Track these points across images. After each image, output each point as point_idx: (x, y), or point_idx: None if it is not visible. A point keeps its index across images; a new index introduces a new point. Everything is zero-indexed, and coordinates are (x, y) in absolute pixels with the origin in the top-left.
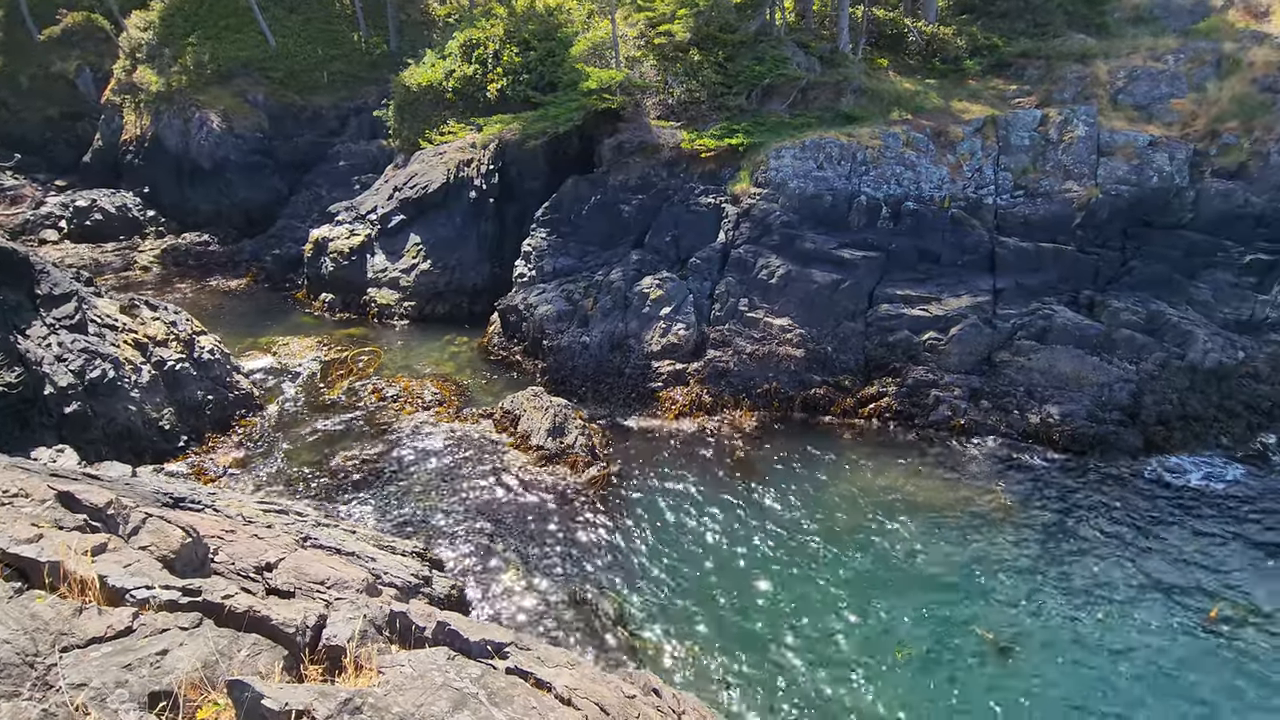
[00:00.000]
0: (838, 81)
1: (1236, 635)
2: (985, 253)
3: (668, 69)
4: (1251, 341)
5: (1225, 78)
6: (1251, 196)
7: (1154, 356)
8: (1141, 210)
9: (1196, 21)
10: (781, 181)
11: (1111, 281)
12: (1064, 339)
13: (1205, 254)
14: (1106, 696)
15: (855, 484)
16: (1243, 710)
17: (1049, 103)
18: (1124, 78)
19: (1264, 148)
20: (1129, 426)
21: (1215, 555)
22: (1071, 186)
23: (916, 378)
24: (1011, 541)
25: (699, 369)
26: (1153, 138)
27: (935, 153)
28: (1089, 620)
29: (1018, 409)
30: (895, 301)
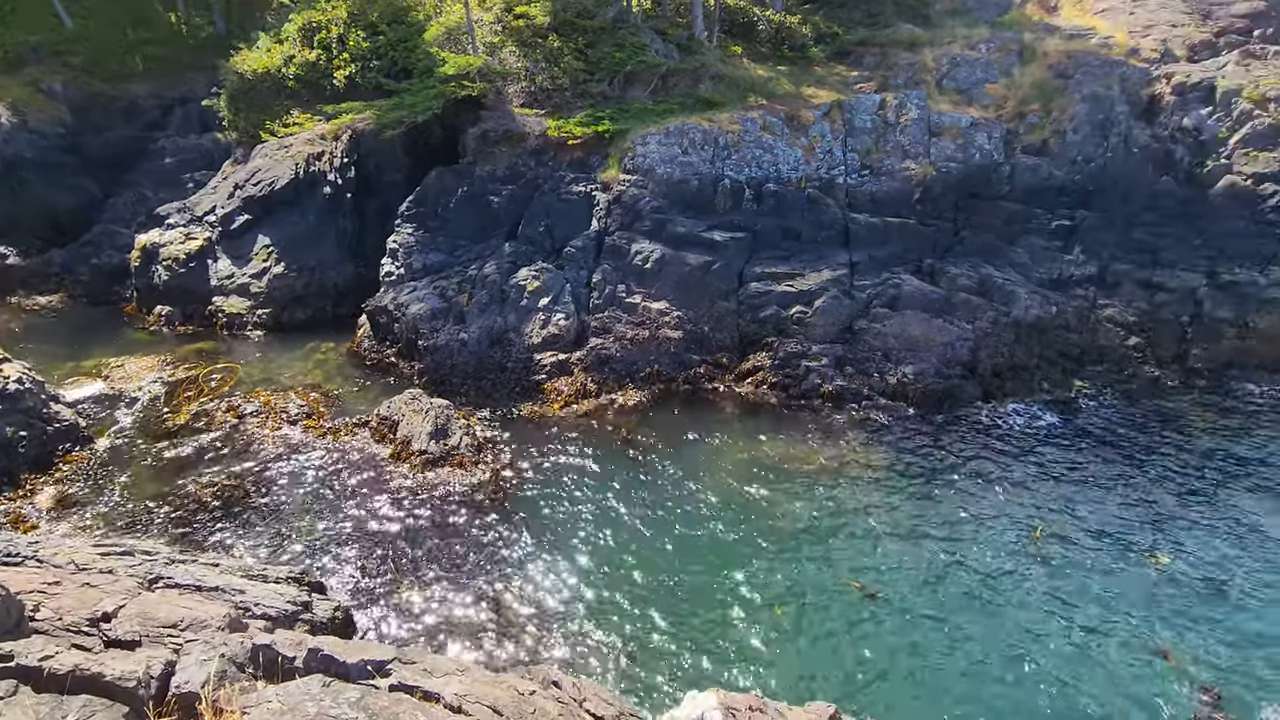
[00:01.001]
0: (696, 68)
1: (1055, 550)
2: (840, 229)
3: (528, 55)
4: (1062, 297)
5: (1026, 65)
6: (1054, 170)
7: (986, 315)
8: (968, 185)
9: (1001, 14)
10: (649, 167)
11: (948, 250)
12: (912, 305)
13: (1021, 221)
14: (960, 620)
15: (736, 455)
16: (1064, 609)
17: (886, 88)
18: (947, 64)
19: (1061, 127)
20: (970, 379)
21: (1038, 486)
22: (910, 165)
23: (788, 350)
24: (874, 494)
25: (582, 357)
26: (973, 119)
27: (790, 136)
28: (941, 556)
29: (877, 372)
30: (763, 279)
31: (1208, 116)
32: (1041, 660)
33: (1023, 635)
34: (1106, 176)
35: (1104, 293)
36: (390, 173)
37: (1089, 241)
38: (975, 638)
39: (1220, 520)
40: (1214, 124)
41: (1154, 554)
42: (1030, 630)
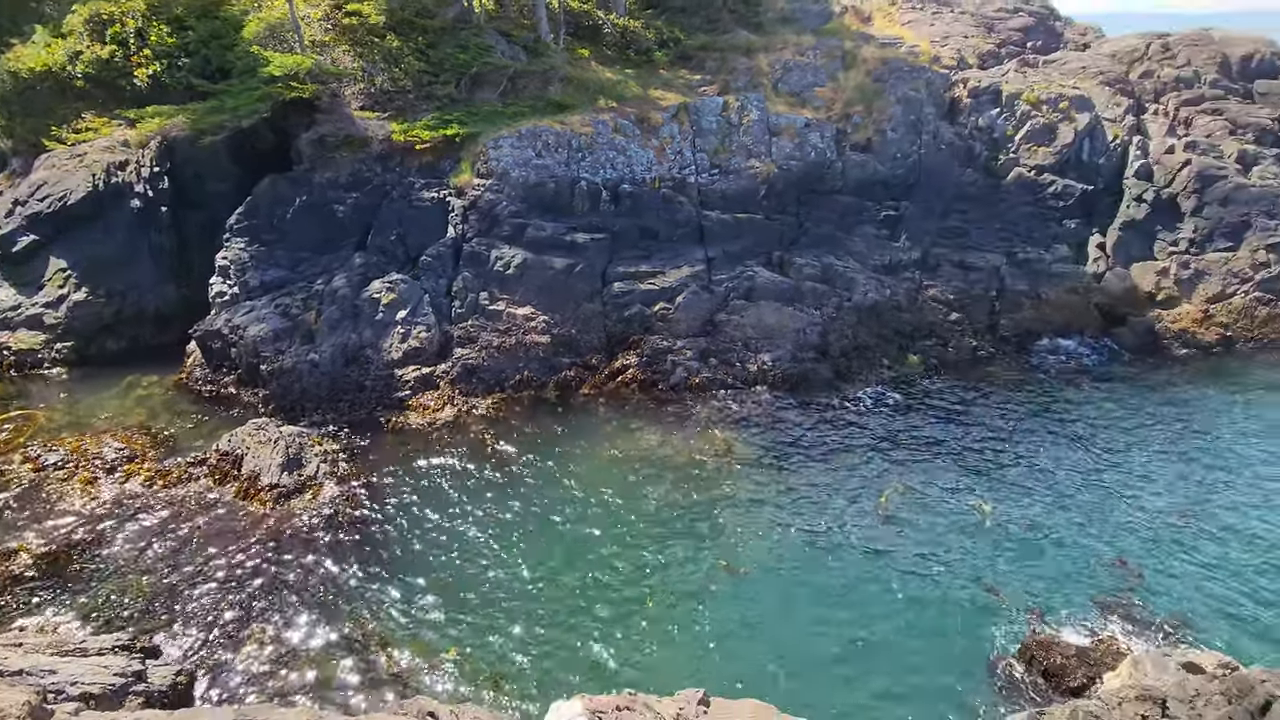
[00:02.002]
0: (545, 70)
1: (900, 511)
2: (695, 226)
3: (364, 55)
4: (894, 280)
5: (849, 70)
6: (878, 165)
7: (831, 301)
8: (807, 181)
9: (824, 24)
10: (504, 171)
11: (793, 242)
12: (766, 295)
13: (855, 213)
14: (820, 583)
15: (609, 454)
16: (910, 561)
17: (727, 90)
18: (780, 69)
19: (881, 126)
20: (822, 361)
21: (885, 455)
22: (754, 163)
23: (654, 347)
24: (742, 478)
25: (447, 369)
26: (807, 120)
27: (641, 137)
28: (804, 529)
29: (739, 361)
30: (626, 279)
31: (997, 116)
32: (893, 609)
33: (876, 589)
34: (922, 170)
35: (927, 275)
36: (214, 182)
37: (912, 229)
38: (834, 597)
39: (1029, 467)
40: (1002, 123)
41: (979, 504)
42: (882, 583)
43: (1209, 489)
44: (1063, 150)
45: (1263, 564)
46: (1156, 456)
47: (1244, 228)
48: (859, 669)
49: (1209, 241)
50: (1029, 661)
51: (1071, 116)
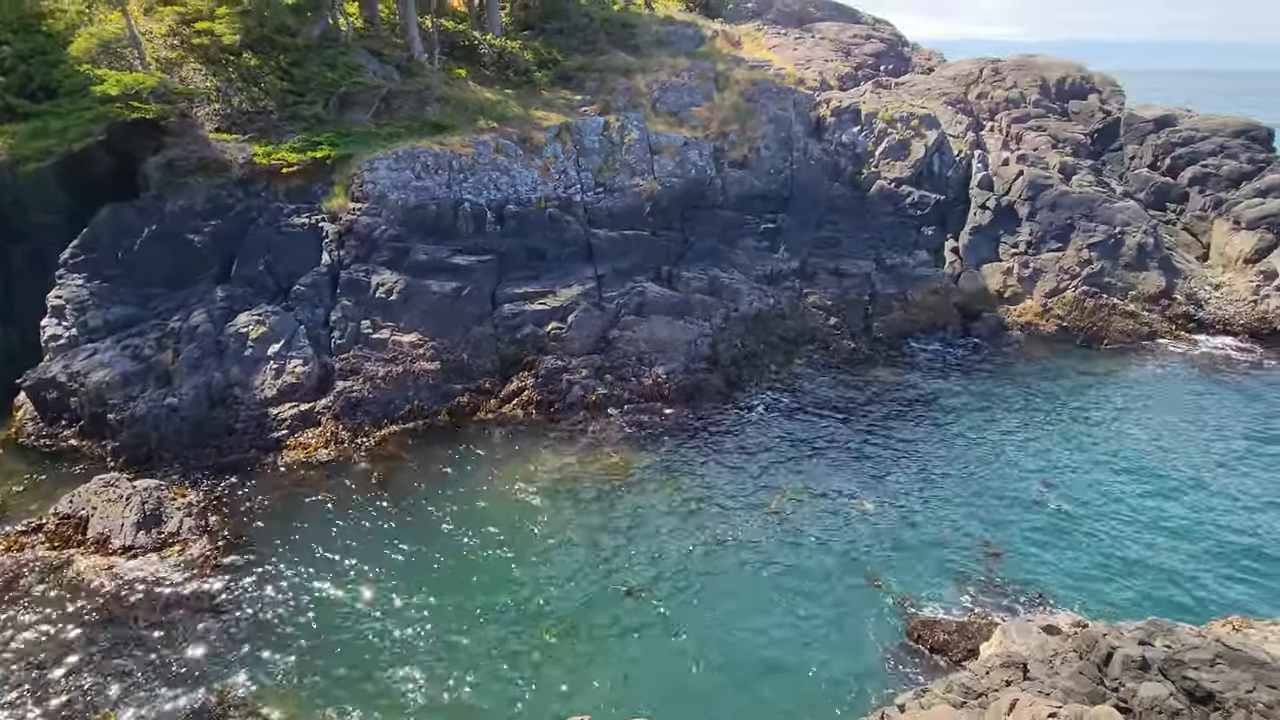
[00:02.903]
0: (420, 90)
1: (790, 511)
2: (583, 245)
3: (218, 74)
4: (776, 289)
5: (722, 91)
6: (755, 181)
7: (719, 312)
8: (689, 197)
9: (696, 46)
10: (381, 194)
11: (680, 257)
12: (657, 309)
13: (736, 227)
14: (717, 588)
15: (506, 480)
16: (800, 558)
17: (608, 110)
18: (658, 89)
19: (755, 144)
20: (713, 371)
21: (775, 459)
22: (638, 181)
23: (548, 367)
24: (640, 494)
25: (329, 404)
26: (686, 138)
27: (525, 158)
28: (700, 540)
29: (634, 376)
30: (516, 300)
31: (858, 133)
32: (790, 610)
33: (774, 593)
34: (796, 185)
35: (806, 283)
36: (42, 213)
37: (790, 240)
38: (735, 606)
39: (904, 458)
40: (863, 139)
41: (860, 499)
42: (779, 586)
43: (1057, 466)
44: (917, 164)
45: (1106, 533)
46: (1011, 439)
47: (1070, 229)
48: (764, 672)
49: (1043, 243)
50: (916, 641)
51: (922, 133)
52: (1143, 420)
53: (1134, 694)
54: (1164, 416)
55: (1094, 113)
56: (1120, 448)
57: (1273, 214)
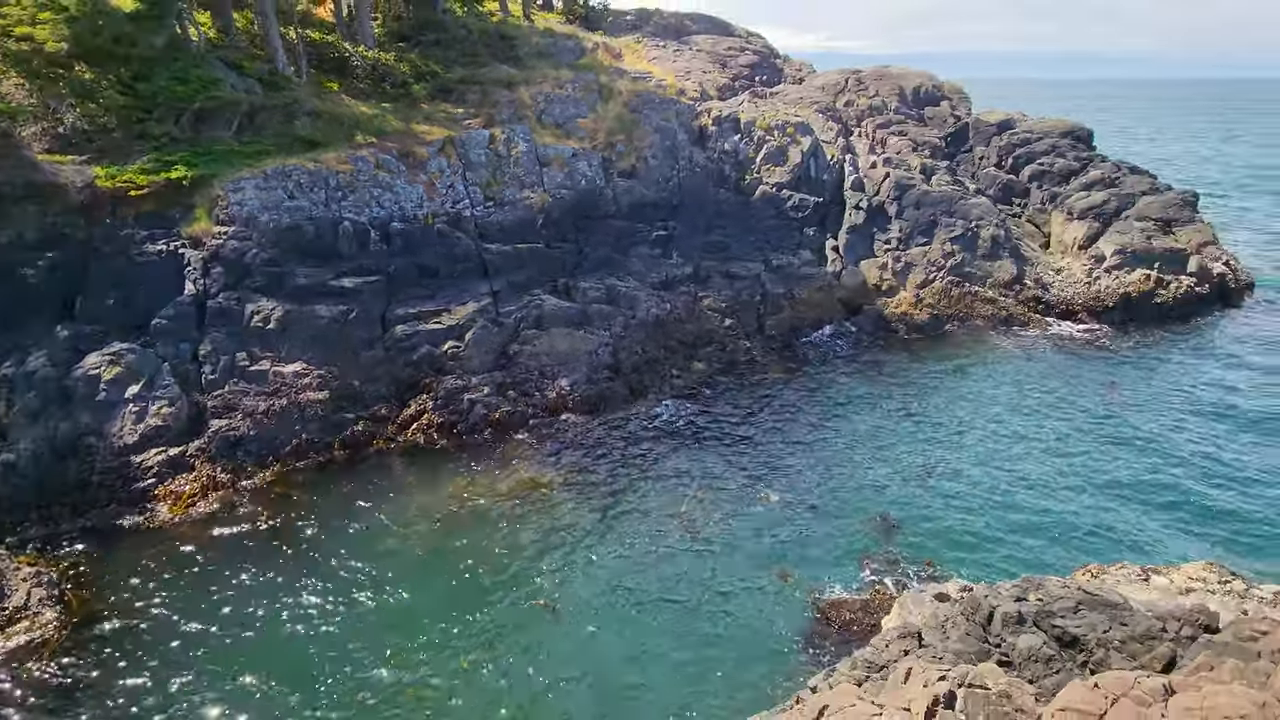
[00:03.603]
0: (287, 105)
1: (699, 513)
2: (476, 260)
3: (46, 89)
4: (672, 295)
5: (607, 102)
6: (644, 190)
7: (618, 321)
8: (581, 208)
9: (578, 59)
10: (250, 216)
11: (576, 268)
12: (556, 322)
13: (629, 236)
14: (640, 604)
15: (410, 510)
16: (710, 559)
17: (493, 123)
18: (543, 101)
19: (642, 153)
20: (617, 379)
21: (683, 466)
22: (528, 194)
23: (448, 387)
24: (549, 510)
25: (203, 446)
26: (574, 150)
27: (407, 173)
28: (612, 551)
29: (538, 390)
30: (409, 320)
31: (739, 141)
32: (707, 610)
33: (690, 596)
34: (684, 192)
35: (700, 287)
36: None
37: (682, 246)
38: (647, 605)
39: (802, 448)
40: (744, 147)
41: (764, 493)
42: (695, 587)
43: (939, 444)
44: (795, 169)
45: (984, 503)
46: (897, 421)
47: (933, 225)
48: (686, 674)
49: (911, 239)
50: (827, 622)
51: (798, 140)
52: (1008, 393)
53: (1014, 647)
54: (1025, 389)
55: (946, 118)
56: (991, 421)
57: (1097, 205)
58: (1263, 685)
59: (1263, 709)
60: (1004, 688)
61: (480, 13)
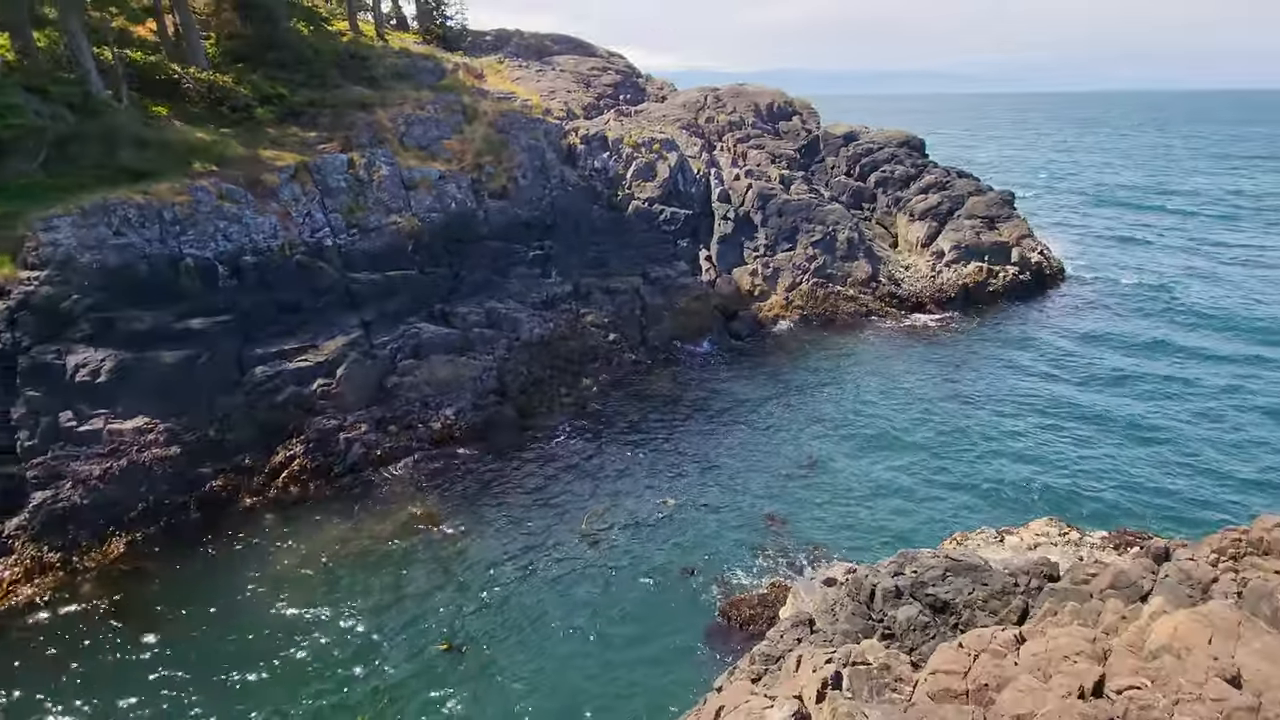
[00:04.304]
0: (106, 132)
1: (600, 529)
2: (342, 291)
3: None
4: (554, 314)
5: (472, 123)
6: (518, 210)
7: (501, 343)
8: (453, 231)
9: (439, 79)
10: (66, 257)
11: (453, 292)
12: (435, 350)
13: (506, 257)
14: (545, 627)
15: (291, 564)
16: (618, 573)
17: (350, 147)
18: (403, 124)
19: (513, 174)
20: (504, 403)
21: (581, 483)
22: (395, 219)
23: (320, 428)
24: (444, 544)
25: (25, 523)
26: (441, 172)
27: (257, 203)
28: (514, 577)
29: (421, 422)
30: (271, 360)
31: (608, 159)
32: (614, 621)
33: (589, 611)
34: (558, 211)
35: (582, 303)
36: None
37: (561, 265)
38: (553, 630)
39: (693, 453)
40: (613, 164)
41: (665, 499)
42: (602, 598)
43: (818, 436)
44: (664, 184)
45: (863, 487)
46: (777, 418)
47: (796, 231)
48: (598, 697)
49: (777, 245)
50: (729, 621)
51: (664, 156)
52: (874, 383)
53: (895, 620)
54: (888, 377)
55: (799, 131)
56: (861, 409)
57: (934, 207)
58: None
59: (1094, 643)
60: (884, 660)
61: (329, 32)
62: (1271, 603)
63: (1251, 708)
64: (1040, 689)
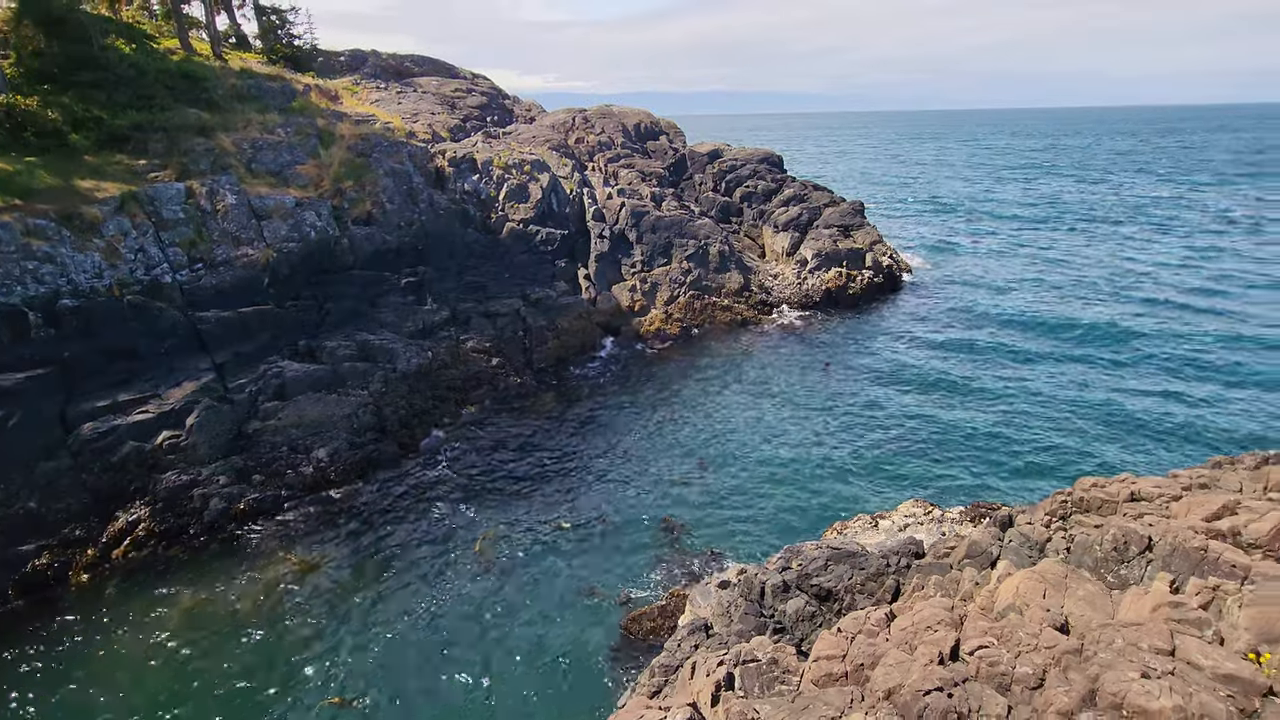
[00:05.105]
0: None
1: (493, 553)
2: (188, 332)
3: None
4: (432, 342)
5: (328, 146)
6: (385, 236)
7: (377, 376)
8: (315, 261)
9: (288, 101)
10: None
11: (319, 326)
12: (302, 389)
13: (376, 285)
14: (444, 658)
15: (138, 644)
16: (518, 593)
17: (188, 175)
18: (250, 148)
19: (378, 199)
20: (383, 439)
21: (472, 511)
22: (246, 251)
23: (170, 486)
24: (328, 594)
25: None
26: (297, 199)
27: (75, 239)
28: (404, 622)
29: (290, 468)
30: (102, 415)
31: (479, 181)
32: (517, 646)
33: (490, 643)
34: (429, 236)
35: (461, 329)
36: None
37: (436, 291)
38: (453, 668)
39: (584, 470)
40: (484, 186)
41: (556, 520)
42: (495, 632)
43: (704, 442)
44: (537, 204)
45: (751, 486)
46: (665, 428)
47: (670, 246)
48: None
49: (653, 260)
50: (631, 636)
51: (536, 176)
52: (753, 386)
53: (784, 613)
54: (765, 379)
55: (666, 150)
56: (743, 412)
57: (795, 218)
58: (955, 591)
59: (951, 611)
60: (771, 655)
61: (156, 50)
62: (1092, 554)
63: (1076, 649)
64: (907, 661)
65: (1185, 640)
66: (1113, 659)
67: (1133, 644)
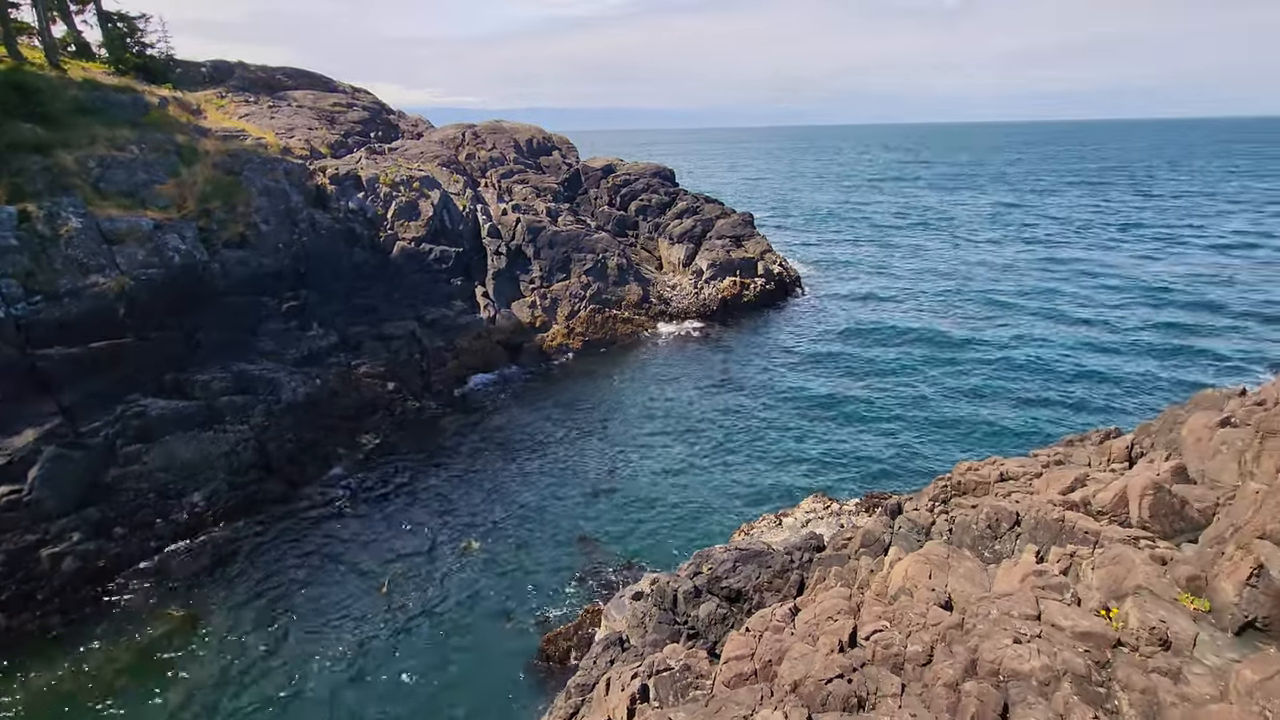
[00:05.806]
0: None
1: (400, 590)
2: (25, 372)
3: None
4: (320, 369)
5: (191, 164)
6: (262, 259)
7: (258, 410)
8: (179, 287)
9: (142, 114)
10: None
11: (188, 358)
12: (170, 428)
13: (253, 312)
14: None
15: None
16: (430, 625)
17: (23, 197)
18: (97, 166)
19: (251, 219)
20: (268, 477)
21: (371, 544)
22: (96, 279)
23: (9, 548)
24: (216, 649)
25: None
26: (156, 221)
27: None
28: (306, 669)
29: (159, 515)
30: None
31: (364, 199)
32: (431, 679)
33: (400, 677)
34: (311, 257)
35: (353, 355)
36: None
37: (321, 315)
38: (358, 712)
39: (489, 491)
40: (370, 204)
41: (468, 543)
42: (404, 667)
43: (610, 454)
44: (428, 222)
45: (659, 495)
46: (571, 443)
47: (568, 261)
48: None
49: (552, 275)
50: (547, 658)
51: (426, 193)
52: (654, 395)
53: (697, 619)
54: (666, 389)
55: (560, 166)
56: (647, 421)
57: (689, 230)
58: (853, 580)
59: (849, 600)
60: (684, 661)
61: None
62: (970, 533)
63: (959, 624)
64: (810, 653)
65: (1049, 604)
66: (989, 629)
67: (1006, 613)
